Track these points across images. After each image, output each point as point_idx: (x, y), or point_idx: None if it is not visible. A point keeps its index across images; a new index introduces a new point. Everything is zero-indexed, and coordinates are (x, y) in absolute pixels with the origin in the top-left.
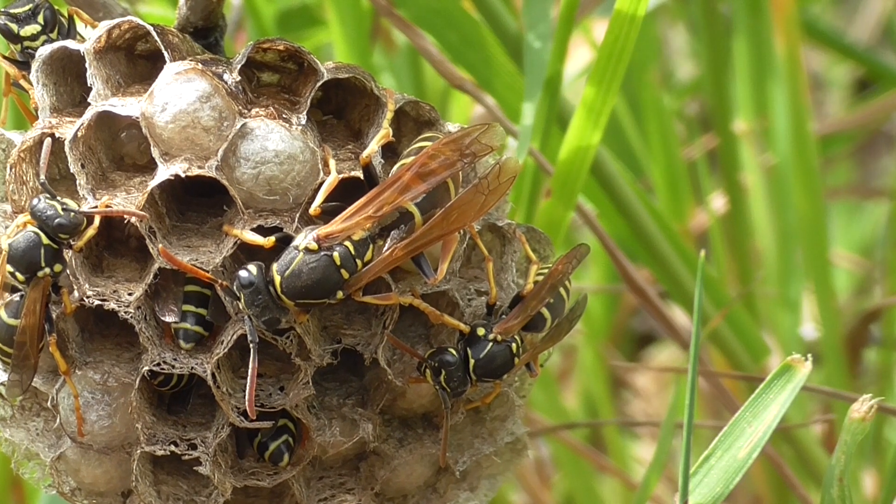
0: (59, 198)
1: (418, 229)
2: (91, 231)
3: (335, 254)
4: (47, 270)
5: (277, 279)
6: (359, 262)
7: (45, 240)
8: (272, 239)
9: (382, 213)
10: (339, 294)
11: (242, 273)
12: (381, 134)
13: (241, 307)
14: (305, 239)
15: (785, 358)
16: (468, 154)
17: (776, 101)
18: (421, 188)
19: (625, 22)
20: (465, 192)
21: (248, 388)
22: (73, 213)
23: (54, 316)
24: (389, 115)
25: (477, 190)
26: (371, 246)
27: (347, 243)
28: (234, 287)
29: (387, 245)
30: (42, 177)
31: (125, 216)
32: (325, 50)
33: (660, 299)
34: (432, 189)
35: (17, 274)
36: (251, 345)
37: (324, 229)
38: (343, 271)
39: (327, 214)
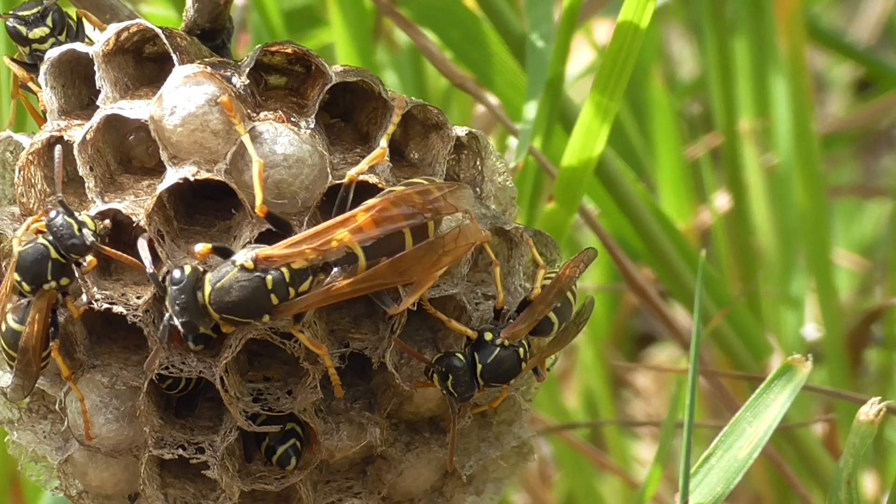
0: (76, 215)
1: (360, 273)
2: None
3: (268, 277)
4: (53, 284)
5: (207, 289)
6: (292, 290)
7: (54, 254)
8: (209, 246)
9: (328, 248)
10: (266, 318)
11: (176, 270)
12: (375, 154)
13: (165, 302)
14: (244, 256)
15: (786, 358)
16: (430, 209)
17: (779, 99)
18: (373, 233)
19: (629, 33)
20: (419, 248)
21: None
22: (89, 241)
23: (62, 319)
24: (392, 127)
25: (431, 248)
26: (311, 278)
27: (284, 269)
28: (166, 280)
29: (326, 281)
30: (59, 193)
31: (132, 216)
32: (328, 50)
33: (660, 299)
34: (385, 236)
35: (24, 284)
36: (159, 342)
37: (264, 251)
38: (273, 296)
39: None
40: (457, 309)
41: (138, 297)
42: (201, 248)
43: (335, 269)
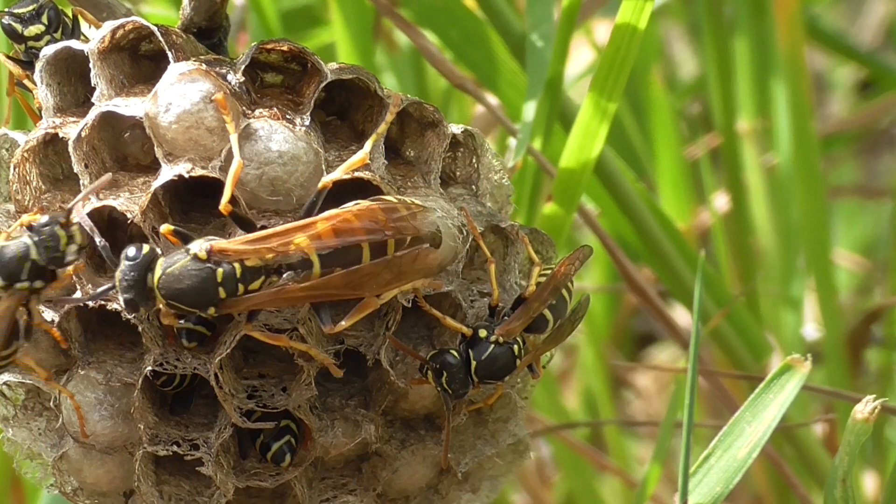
0: (70, 228)
1: (313, 280)
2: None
3: (219, 270)
4: (26, 284)
5: (157, 273)
6: (242, 286)
7: (35, 255)
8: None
9: (284, 251)
10: (212, 310)
11: (132, 248)
12: (355, 159)
13: (115, 274)
14: (198, 246)
15: (786, 357)
16: (393, 228)
17: (779, 100)
18: (331, 242)
19: (626, 33)
20: (375, 264)
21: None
22: (69, 259)
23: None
24: (384, 126)
25: (388, 266)
26: (262, 278)
27: (237, 265)
28: (121, 254)
29: (278, 283)
30: (69, 206)
31: (126, 213)
32: (327, 50)
33: (660, 299)
34: (343, 247)
35: None
36: (80, 303)
37: (219, 244)
38: (221, 290)
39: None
40: (452, 306)
41: None
42: (164, 228)
43: (288, 273)
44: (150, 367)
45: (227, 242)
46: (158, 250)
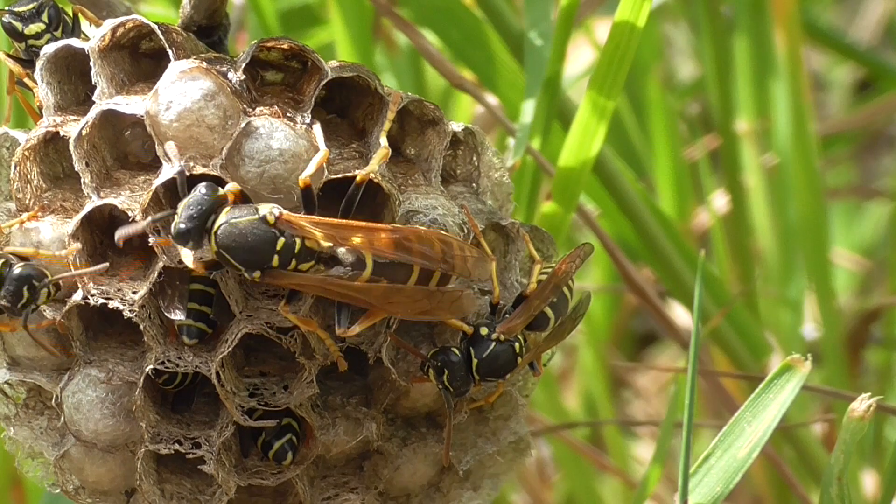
0: (38, 293)
1: (359, 283)
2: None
3: (282, 239)
4: None
5: (221, 219)
6: (295, 262)
7: None
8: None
9: (345, 245)
10: (257, 274)
11: (207, 186)
12: (381, 154)
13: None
14: (267, 209)
15: (785, 357)
16: (448, 262)
17: (777, 100)
18: (388, 254)
19: (625, 31)
20: (418, 290)
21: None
22: (20, 318)
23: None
24: (388, 123)
25: (429, 296)
26: (312, 262)
27: (298, 240)
28: (196, 187)
29: (328, 273)
30: (51, 277)
31: (127, 212)
32: (327, 50)
33: (660, 299)
34: (397, 263)
35: None
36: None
37: (288, 214)
38: (276, 258)
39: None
40: None
41: (134, 293)
42: (232, 186)
43: (338, 267)
44: (151, 366)
45: (298, 217)
46: (230, 198)
